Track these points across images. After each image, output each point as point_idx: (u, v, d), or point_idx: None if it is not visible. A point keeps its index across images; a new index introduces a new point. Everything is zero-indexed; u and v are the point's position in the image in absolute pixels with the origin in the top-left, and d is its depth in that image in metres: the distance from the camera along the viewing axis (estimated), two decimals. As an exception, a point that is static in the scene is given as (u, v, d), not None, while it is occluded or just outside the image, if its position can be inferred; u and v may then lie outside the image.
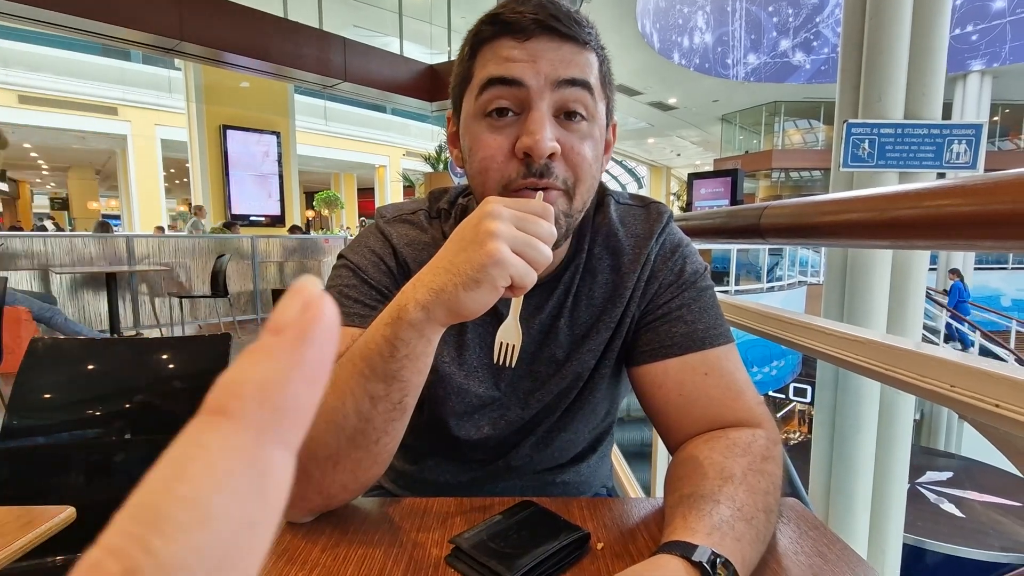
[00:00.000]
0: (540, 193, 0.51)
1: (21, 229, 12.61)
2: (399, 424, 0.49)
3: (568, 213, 0.55)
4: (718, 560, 0.39)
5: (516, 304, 0.52)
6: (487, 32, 0.54)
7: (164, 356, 1.06)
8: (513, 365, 0.53)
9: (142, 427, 1.03)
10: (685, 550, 0.40)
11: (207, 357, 1.05)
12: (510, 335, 0.53)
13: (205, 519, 0.10)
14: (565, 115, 0.53)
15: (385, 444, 0.49)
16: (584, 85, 0.53)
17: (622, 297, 0.62)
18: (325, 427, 0.47)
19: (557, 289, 0.63)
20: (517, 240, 0.43)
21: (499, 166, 0.53)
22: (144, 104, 11.75)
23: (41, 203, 20.30)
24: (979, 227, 0.39)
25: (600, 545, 0.48)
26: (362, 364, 0.46)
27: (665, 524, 0.46)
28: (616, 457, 1.88)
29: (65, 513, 0.60)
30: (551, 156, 0.52)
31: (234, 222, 7.62)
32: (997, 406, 0.46)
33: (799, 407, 8.79)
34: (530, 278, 0.43)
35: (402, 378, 0.46)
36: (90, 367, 1.03)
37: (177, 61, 9.02)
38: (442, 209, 0.66)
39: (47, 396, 0.98)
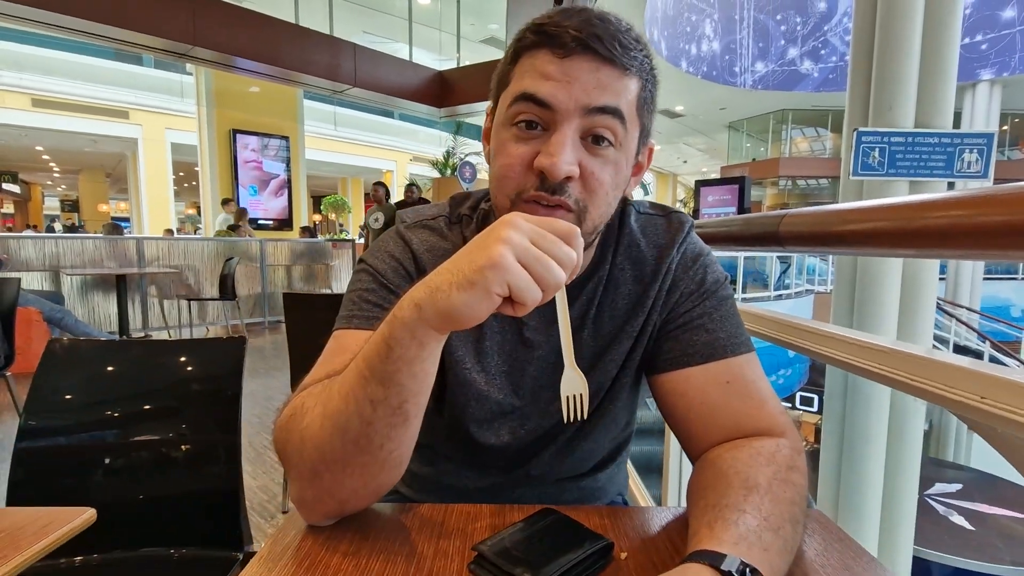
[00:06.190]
0: (567, 214, 0.52)
1: (36, 229, 12.73)
2: (402, 431, 0.48)
3: None
4: (747, 570, 0.39)
5: (568, 350, 0.51)
6: (529, 40, 0.53)
7: (181, 358, 1.07)
8: (586, 417, 0.53)
9: (159, 428, 1.03)
10: (713, 559, 0.39)
11: (222, 360, 1.06)
12: (574, 386, 0.51)
13: None
14: (592, 139, 0.53)
15: (391, 451, 0.48)
16: (614, 113, 0.52)
17: (644, 307, 0.62)
18: (332, 430, 0.47)
19: (580, 300, 0.63)
20: (527, 252, 0.41)
21: (516, 175, 0.53)
22: (155, 108, 11.85)
23: (52, 205, 20.51)
24: (1013, 237, 0.38)
25: (624, 555, 0.48)
26: (363, 365, 0.46)
27: (690, 534, 0.45)
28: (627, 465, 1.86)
29: (86, 515, 0.60)
30: (568, 178, 0.52)
31: (243, 212, 7.49)
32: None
33: (805, 416, 8.71)
34: (532, 294, 0.41)
35: (398, 382, 0.45)
36: (107, 369, 1.04)
37: (188, 66, 9.11)
38: (463, 215, 0.66)
39: (66, 397, 0.99)
